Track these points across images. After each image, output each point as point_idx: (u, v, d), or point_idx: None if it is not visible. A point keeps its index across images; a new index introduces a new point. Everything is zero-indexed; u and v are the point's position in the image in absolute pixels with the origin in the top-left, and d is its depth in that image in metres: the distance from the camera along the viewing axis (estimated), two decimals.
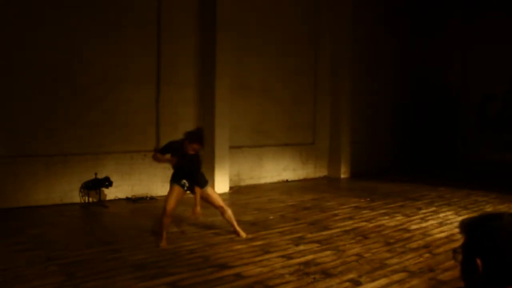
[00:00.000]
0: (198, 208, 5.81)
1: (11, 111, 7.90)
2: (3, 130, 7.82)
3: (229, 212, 6.26)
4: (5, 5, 7.79)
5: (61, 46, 8.28)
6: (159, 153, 6.12)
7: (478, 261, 1.32)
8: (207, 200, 6.10)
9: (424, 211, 8.24)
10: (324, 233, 6.62)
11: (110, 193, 8.74)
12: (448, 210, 8.32)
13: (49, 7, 8.15)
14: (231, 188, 10.15)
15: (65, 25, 8.31)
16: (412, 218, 7.68)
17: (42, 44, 8.09)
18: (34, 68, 8.05)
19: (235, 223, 6.32)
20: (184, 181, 5.94)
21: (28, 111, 8.03)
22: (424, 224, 7.24)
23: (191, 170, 5.90)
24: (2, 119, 7.82)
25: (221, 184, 9.69)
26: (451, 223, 7.31)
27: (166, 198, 6.00)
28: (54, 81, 8.25)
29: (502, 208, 8.68)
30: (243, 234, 6.29)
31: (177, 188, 5.94)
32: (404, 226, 7.11)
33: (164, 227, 5.91)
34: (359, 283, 4.65)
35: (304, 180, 11.97)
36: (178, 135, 9.64)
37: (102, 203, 8.40)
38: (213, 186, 9.70)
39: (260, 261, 5.31)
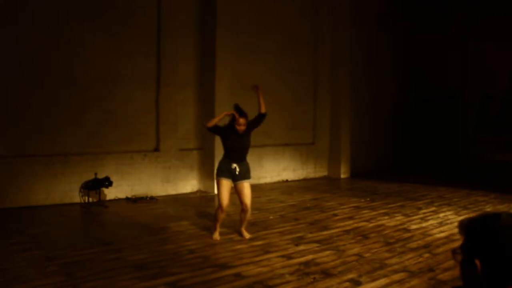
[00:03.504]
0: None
1: (11, 111, 7.90)
2: (3, 130, 7.83)
3: (248, 214, 6.24)
4: (5, 5, 7.79)
5: (61, 46, 8.28)
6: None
7: (477, 262, 1.32)
8: (238, 192, 6.10)
9: (424, 211, 8.24)
10: (324, 233, 6.62)
11: (110, 193, 8.74)
12: (448, 210, 8.32)
13: (49, 7, 8.15)
14: (231, 188, 10.14)
15: (65, 25, 8.32)
16: (412, 218, 7.68)
17: (42, 44, 8.09)
18: (34, 68, 8.06)
19: (245, 224, 6.33)
20: (235, 165, 6.00)
21: (28, 111, 8.03)
22: (424, 224, 7.24)
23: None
24: (2, 119, 7.82)
25: None
26: (451, 223, 7.31)
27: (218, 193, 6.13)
28: (54, 81, 8.26)
29: (502, 208, 8.68)
30: (246, 235, 6.29)
31: (225, 182, 6.03)
32: (404, 226, 7.12)
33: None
34: (359, 283, 4.66)
35: (304, 180, 11.97)
36: (178, 135, 9.74)
37: (102, 203, 8.40)
38: (213, 186, 9.72)
39: (260, 261, 5.32)
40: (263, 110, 6.22)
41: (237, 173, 6.03)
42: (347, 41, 12.47)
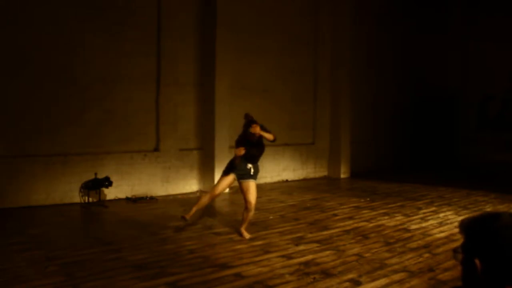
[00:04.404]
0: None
1: (11, 111, 7.90)
2: (3, 130, 7.82)
3: (251, 214, 6.30)
4: (5, 5, 7.79)
5: (61, 46, 8.28)
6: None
7: (477, 261, 1.32)
8: (245, 190, 6.21)
9: (424, 211, 8.24)
10: (324, 233, 6.62)
11: (110, 193, 8.74)
12: (448, 210, 8.32)
13: (49, 7, 8.15)
14: (231, 188, 10.13)
15: (65, 25, 8.31)
16: (412, 218, 7.68)
17: (42, 44, 8.09)
18: (34, 68, 8.05)
19: (245, 224, 6.34)
20: (250, 166, 6.24)
21: (28, 111, 8.03)
22: (424, 224, 7.24)
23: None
24: (2, 119, 7.82)
25: None
26: (451, 223, 7.31)
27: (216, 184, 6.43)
28: (54, 81, 8.26)
29: (502, 208, 8.68)
30: (246, 235, 6.29)
31: (231, 178, 6.25)
32: (404, 226, 7.12)
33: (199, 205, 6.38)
34: (359, 283, 4.65)
35: (304, 180, 11.97)
36: (178, 135, 9.74)
37: (102, 203, 8.40)
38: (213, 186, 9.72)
39: (260, 261, 5.31)
40: (271, 139, 6.36)
41: (251, 173, 6.25)
42: (347, 41, 12.47)
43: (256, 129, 6.14)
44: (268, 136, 6.28)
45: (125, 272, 4.85)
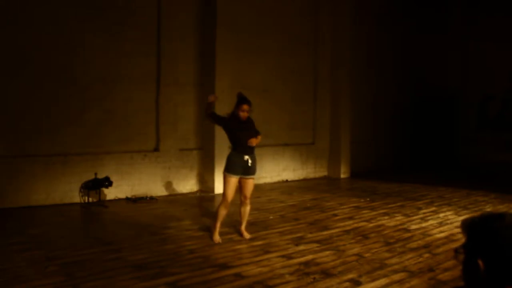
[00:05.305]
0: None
1: (11, 111, 7.90)
2: (3, 130, 7.82)
3: (248, 208, 6.25)
4: (5, 5, 7.79)
5: (61, 46, 8.28)
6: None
7: (480, 261, 1.32)
8: (243, 186, 6.08)
9: (424, 211, 8.24)
10: (324, 233, 6.62)
11: (110, 193, 8.74)
12: (448, 210, 8.32)
13: (49, 7, 8.15)
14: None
15: (65, 25, 8.31)
16: (412, 218, 7.68)
17: (42, 44, 8.09)
18: (34, 68, 8.05)
19: (245, 223, 6.33)
20: (247, 157, 5.91)
21: (28, 111, 8.03)
22: (424, 224, 7.24)
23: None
24: (2, 119, 7.82)
25: (221, 185, 9.65)
26: (451, 223, 7.31)
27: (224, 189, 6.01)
28: (54, 81, 8.25)
29: (502, 208, 8.68)
30: (246, 235, 6.29)
31: (234, 180, 5.95)
32: (404, 226, 7.12)
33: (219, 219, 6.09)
34: (359, 283, 4.65)
35: (304, 180, 11.97)
36: (178, 135, 9.74)
37: (102, 203, 8.40)
38: (213, 186, 9.74)
39: (260, 261, 5.32)
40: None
41: (249, 165, 5.95)
42: (347, 41, 12.47)
43: (253, 142, 5.90)
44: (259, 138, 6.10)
45: (125, 272, 4.85)
